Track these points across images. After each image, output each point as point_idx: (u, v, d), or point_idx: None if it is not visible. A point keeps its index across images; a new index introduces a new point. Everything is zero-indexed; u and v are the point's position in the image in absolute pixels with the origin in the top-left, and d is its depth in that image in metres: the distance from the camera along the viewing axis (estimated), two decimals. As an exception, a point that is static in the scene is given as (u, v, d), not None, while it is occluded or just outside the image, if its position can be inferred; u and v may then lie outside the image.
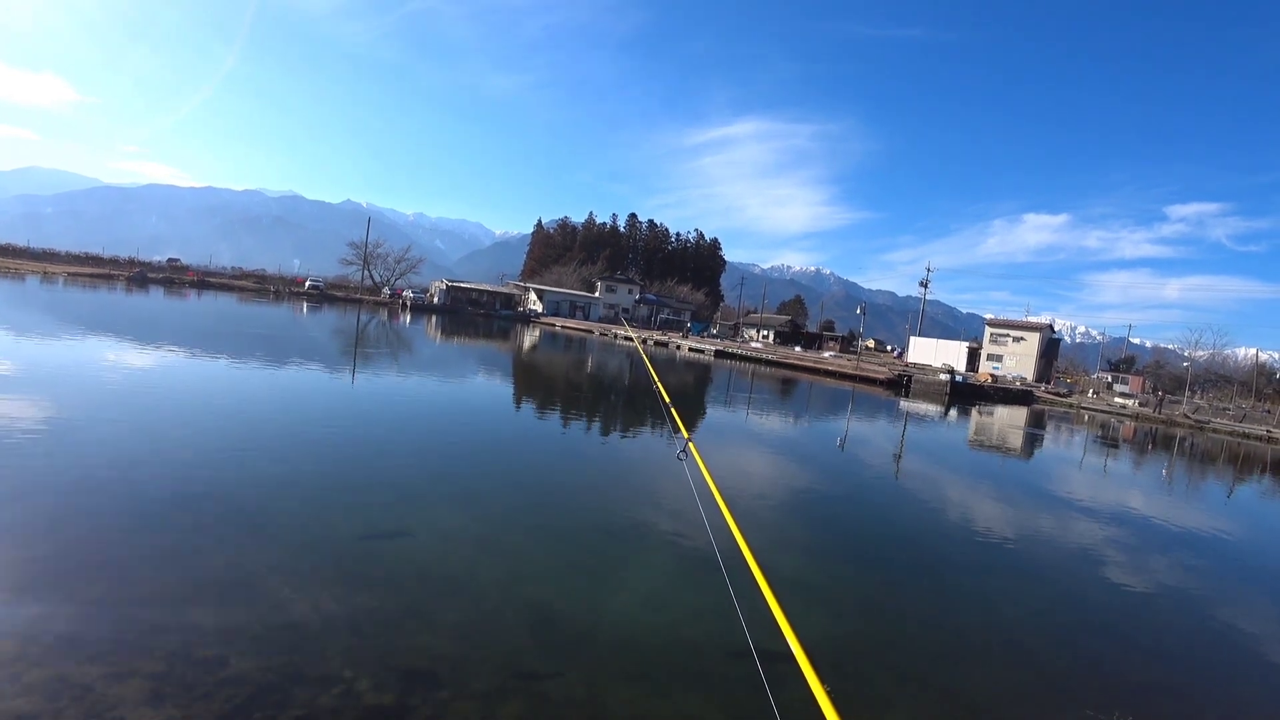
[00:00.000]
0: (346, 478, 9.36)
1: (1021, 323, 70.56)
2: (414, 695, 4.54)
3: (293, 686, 4.45)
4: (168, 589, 5.54)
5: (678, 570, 7.58)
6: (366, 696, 4.46)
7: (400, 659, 4.95)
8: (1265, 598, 9.97)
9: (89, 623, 4.91)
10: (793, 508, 11.19)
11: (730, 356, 52.78)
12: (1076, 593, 8.78)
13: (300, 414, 13.50)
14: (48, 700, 4.01)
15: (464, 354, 34.75)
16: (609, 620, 6.12)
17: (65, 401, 11.53)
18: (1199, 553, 11.90)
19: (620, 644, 5.71)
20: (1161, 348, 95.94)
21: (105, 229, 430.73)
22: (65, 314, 29.40)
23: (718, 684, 5.24)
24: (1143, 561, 10.72)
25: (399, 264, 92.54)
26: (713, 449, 14.83)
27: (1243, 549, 12.98)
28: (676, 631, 6.04)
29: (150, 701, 4.11)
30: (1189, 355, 79.78)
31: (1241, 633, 8.19)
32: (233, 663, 4.61)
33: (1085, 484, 17.62)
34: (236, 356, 20.14)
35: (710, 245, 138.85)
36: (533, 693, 4.78)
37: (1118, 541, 11.64)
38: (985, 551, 10.08)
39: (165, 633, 4.88)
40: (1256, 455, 32.16)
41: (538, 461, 12.23)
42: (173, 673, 4.42)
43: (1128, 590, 9.05)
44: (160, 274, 72.86)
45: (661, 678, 5.24)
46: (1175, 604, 8.94)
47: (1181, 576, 10.24)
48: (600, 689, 4.95)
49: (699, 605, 6.72)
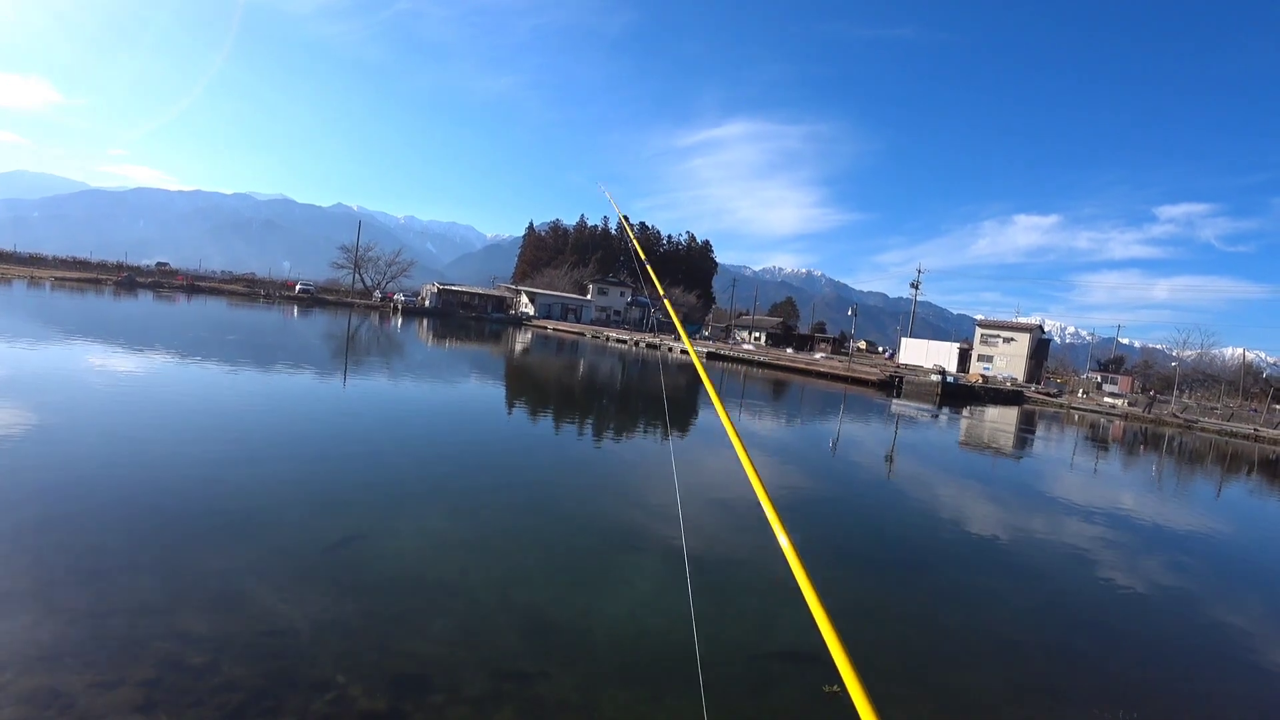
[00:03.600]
0: (337, 483, 9.32)
1: (1012, 324, 71.07)
2: (407, 700, 4.53)
3: (285, 692, 4.43)
4: (157, 596, 5.50)
5: (670, 574, 7.58)
6: (359, 702, 4.44)
7: (393, 664, 4.94)
8: (1255, 595, 10.08)
9: (77, 631, 4.87)
10: (784, 510, 11.16)
11: (722, 359, 52.86)
12: (1068, 592, 8.85)
13: (290, 418, 13.43)
14: (37, 710, 3.97)
15: (455, 358, 34.66)
16: (602, 624, 6.12)
17: (50, 408, 11.43)
18: (1189, 551, 12.01)
19: (613, 647, 5.71)
20: (1150, 348, 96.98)
21: (93, 233, 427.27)
22: (52, 319, 29.12)
23: (710, 687, 5.25)
24: (1134, 560, 10.81)
25: (390, 267, 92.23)
26: (705, 451, 14.86)
27: (1232, 547, 13.11)
28: (669, 635, 6.05)
29: (141, 709, 4.08)
30: (1177, 355, 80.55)
31: (1232, 630, 8.27)
32: (224, 669, 4.58)
33: (1076, 484, 17.75)
34: (226, 361, 20.00)
35: (702, 247, 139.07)
36: (526, 696, 4.78)
37: (1108, 540, 11.73)
38: (977, 551, 10.15)
39: (155, 640, 4.85)
40: (1244, 453, 32.49)
41: (529, 466, 12.22)
42: (163, 680, 4.39)
43: (1119, 589, 9.13)
44: (149, 278, 72.23)
45: (654, 681, 5.24)
46: (1166, 602, 9.02)
47: (1172, 575, 10.33)
48: (593, 693, 4.96)
49: (692, 608, 6.73)
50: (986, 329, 70.63)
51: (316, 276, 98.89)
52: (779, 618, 6.55)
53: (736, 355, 54.67)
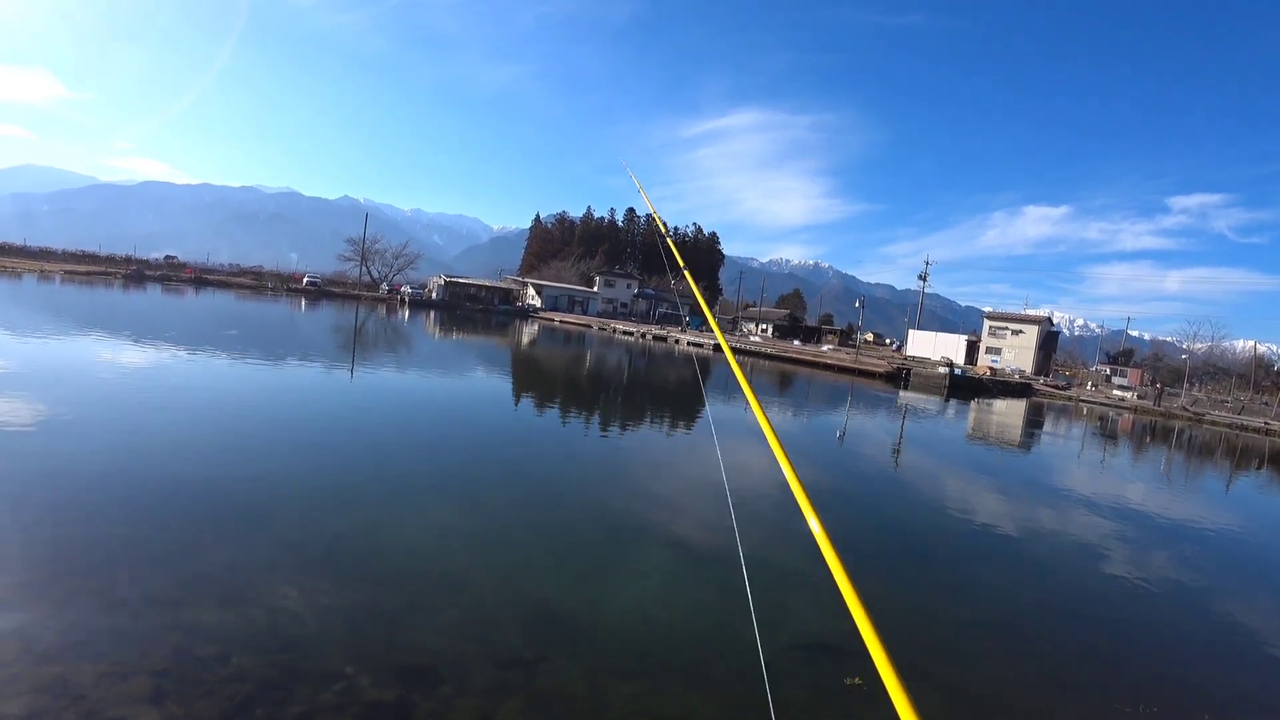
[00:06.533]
0: (345, 474, 9.35)
1: (1020, 316, 70.55)
2: (415, 691, 4.54)
3: (294, 683, 4.45)
4: (167, 587, 5.53)
5: (679, 565, 7.58)
6: (368, 693, 4.46)
7: (401, 655, 4.95)
8: (1265, 590, 10.00)
9: (88, 622, 4.90)
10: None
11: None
12: (1077, 585, 8.80)
13: (298, 410, 13.49)
14: (49, 701, 4.00)
15: (462, 349, 34.72)
16: (609, 616, 6.13)
17: (61, 400, 11.50)
18: (1199, 545, 11.93)
19: (621, 640, 5.71)
20: (1160, 340, 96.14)
21: (101, 226, 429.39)
22: (62, 312, 29.32)
23: (718, 680, 5.24)
24: (1142, 554, 10.74)
25: (397, 260, 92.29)
26: (711, 442, 14.82)
27: (1242, 541, 13.01)
28: (677, 627, 6.05)
29: (151, 700, 4.11)
30: (1187, 348, 79.92)
31: (1242, 625, 8.21)
32: (234, 660, 4.61)
33: (1084, 477, 17.65)
34: (234, 354, 20.10)
35: (709, 239, 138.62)
36: (533, 688, 4.78)
37: (1117, 534, 11.66)
38: (985, 544, 10.10)
39: (165, 631, 4.88)
40: (1255, 447, 32.24)
41: (537, 457, 12.23)
42: (174, 671, 4.42)
43: (1128, 582, 9.07)
44: (157, 271, 72.65)
45: (662, 673, 5.24)
46: (1176, 596, 8.96)
47: (1181, 569, 10.26)
48: (601, 685, 4.96)
49: (700, 600, 6.73)
50: (995, 321, 70.16)
51: (324, 269, 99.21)
52: (792, 609, 6.54)
53: (744, 347, 54.56)
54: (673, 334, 58.63)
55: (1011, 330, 68.17)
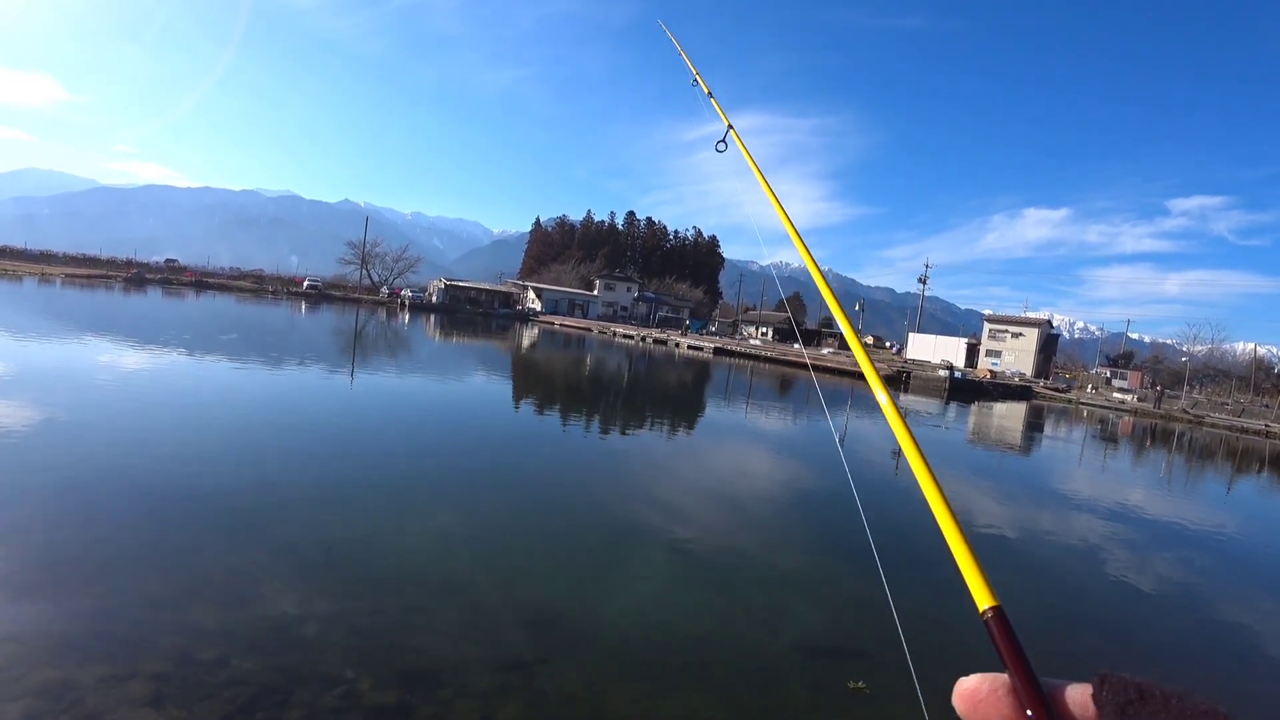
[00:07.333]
0: (344, 479, 9.35)
1: (1020, 319, 70.64)
2: (415, 695, 4.54)
3: (294, 687, 4.45)
4: (167, 591, 5.53)
5: (677, 568, 7.58)
6: (368, 696, 4.46)
7: (401, 659, 4.95)
8: (1265, 593, 9.99)
9: (89, 625, 4.90)
10: (792, 504, 11.20)
11: (729, 354, 52.77)
12: (1077, 588, 8.79)
13: (299, 414, 13.49)
14: (48, 703, 4.00)
15: (462, 353, 34.73)
16: (609, 618, 6.12)
17: (62, 403, 11.51)
18: (1199, 548, 11.93)
19: (620, 642, 5.71)
20: (1160, 343, 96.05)
21: (102, 230, 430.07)
22: (63, 315, 29.34)
23: (717, 682, 5.24)
24: (1142, 556, 10.74)
25: (397, 263, 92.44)
26: (712, 446, 14.85)
27: (1242, 544, 13.01)
28: (676, 629, 6.05)
29: (151, 703, 4.11)
30: (1188, 350, 79.92)
31: (1241, 628, 8.20)
32: (234, 663, 4.61)
33: (1084, 480, 17.65)
34: (234, 357, 20.11)
35: (708, 242, 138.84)
36: (533, 691, 4.78)
37: (1117, 537, 11.65)
38: (984, 547, 10.07)
39: (166, 634, 4.88)
40: (1255, 450, 32.22)
41: (536, 461, 12.23)
42: (174, 674, 4.42)
43: (1128, 585, 9.06)
44: (158, 275, 72.77)
45: (661, 676, 5.24)
46: (1176, 599, 8.96)
47: (1181, 571, 10.26)
48: (600, 687, 4.96)
49: (698, 603, 6.73)
50: (995, 324, 70.23)
51: (324, 272, 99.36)
52: (791, 612, 6.54)
53: (744, 350, 54.58)
54: (673, 337, 58.66)
55: (1011, 333, 68.23)
